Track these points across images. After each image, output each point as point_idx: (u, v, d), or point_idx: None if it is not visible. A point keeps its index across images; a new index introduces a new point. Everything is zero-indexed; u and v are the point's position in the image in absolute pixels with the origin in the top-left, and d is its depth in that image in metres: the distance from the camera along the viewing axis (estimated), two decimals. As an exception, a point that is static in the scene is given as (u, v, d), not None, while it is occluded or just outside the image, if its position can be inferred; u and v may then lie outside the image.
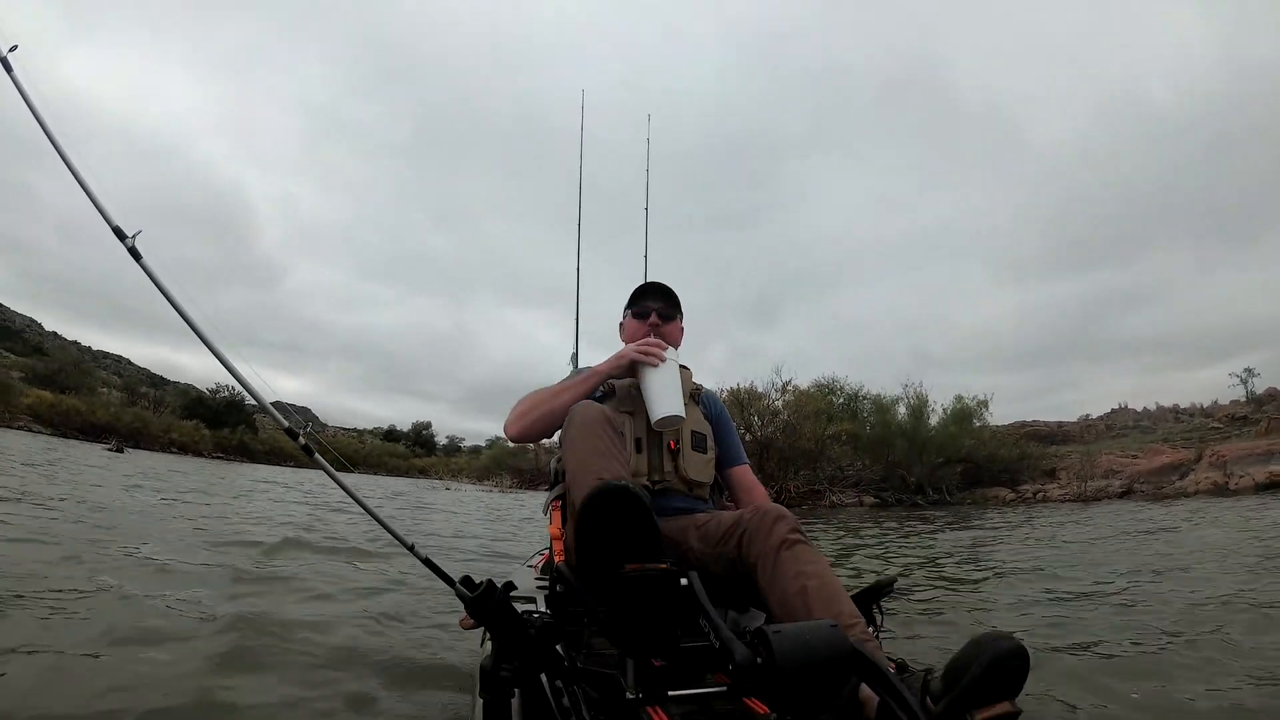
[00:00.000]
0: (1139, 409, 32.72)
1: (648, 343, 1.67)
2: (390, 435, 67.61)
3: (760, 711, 1.07)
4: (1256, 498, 11.56)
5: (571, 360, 2.77)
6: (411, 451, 60.19)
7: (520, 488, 29.66)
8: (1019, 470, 19.68)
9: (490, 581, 1.15)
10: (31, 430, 28.98)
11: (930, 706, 0.90)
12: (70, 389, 36.99)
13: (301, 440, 1.28)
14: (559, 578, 1.39)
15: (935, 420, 20.53)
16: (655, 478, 1.64)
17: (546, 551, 2.32)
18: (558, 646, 1.18)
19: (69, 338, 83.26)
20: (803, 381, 21.60)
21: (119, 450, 22.96)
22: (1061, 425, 31.39)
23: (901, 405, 21.03)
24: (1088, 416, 33.41)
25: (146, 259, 1.25)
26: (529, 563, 3.06)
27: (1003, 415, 31.73)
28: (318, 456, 1.30)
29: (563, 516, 1.71)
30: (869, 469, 20.27)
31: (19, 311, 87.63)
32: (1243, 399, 27.95)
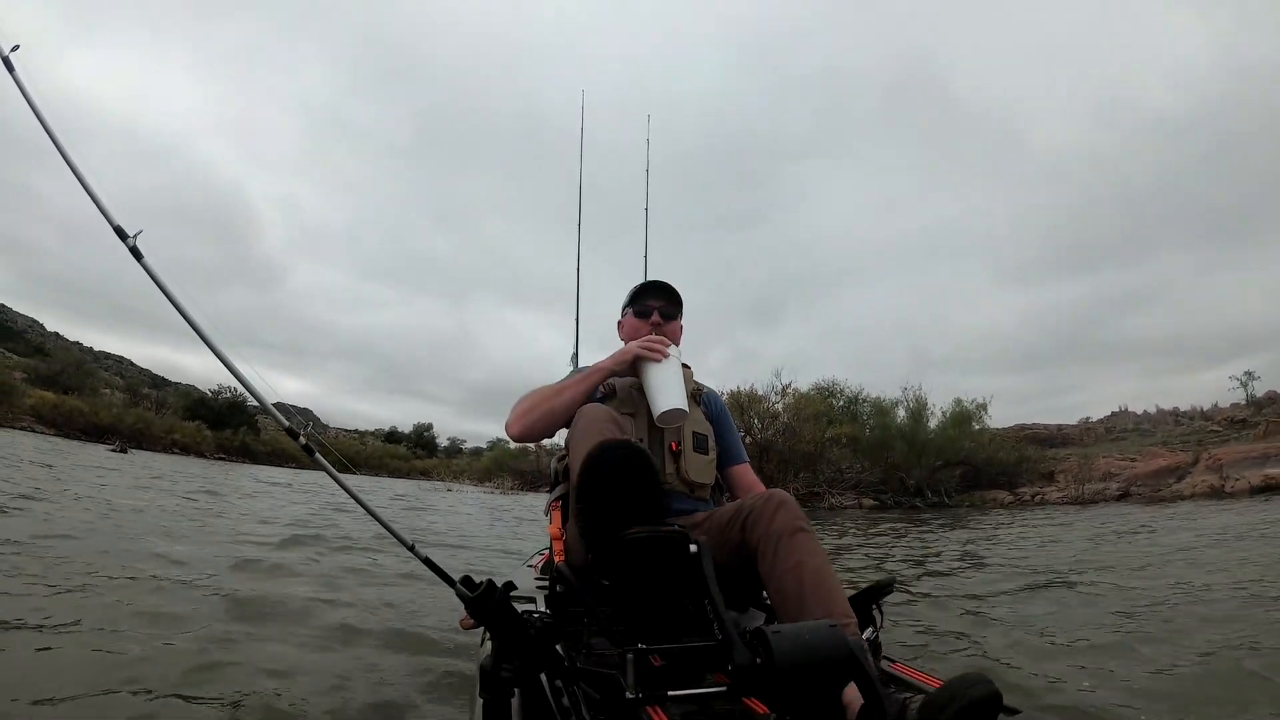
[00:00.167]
0: (1139, 412, 32.66)
1: (651, 339, 1.66)
2: (392, 437, 67.58)
3: (760, 711, 1.07)
4: (1251, 501, 11.56)
5: (572, 360, 2.76)
6: (413, 453, 60.17)
7: (522, 489, 29.63)
8: (1017, 473, 19.64)
9: (490, 581, 1.15)
10: (35, 431, 28.99)
11: None
12: (73, 390, 37.04)
13: (302, 440, 1.28)
14: (559, 578, 1.39)
15: (934, 423, 20.55)
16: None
17: (546, 551, 2.34)
18: (558, 646, 1.18)
19: (71, 338, 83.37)
20: (803, 384, 21.70)
21: (123, 451, 23.00)
22: (1061, 428, 31.33)
23: (901, 408, 21.08)
24: (1088, 419, 33.32)
25: (148, 259, 1.25)
26: (529, 563, 3.06)
27: (1003, 418, 31.66)
28: (318, 457, 1.30)
29: (563, 517, 1.70)
30: (868, 471, 20.28)
31: (21, 312, 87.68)
32: (1243, 402, 27.96)
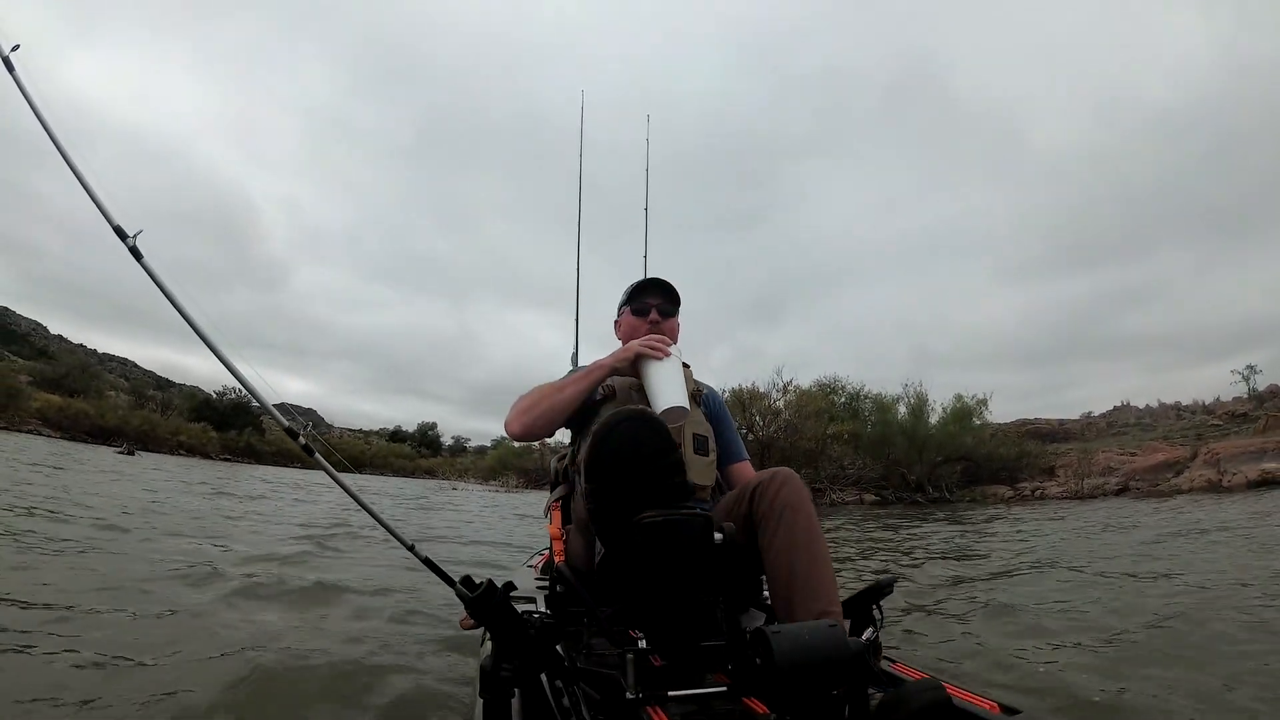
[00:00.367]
0: (1141, 406, 32.71)
1: (652, 337, 1.65)
2: (396, 436, 67.78)
3: (760, 711, 1.07)
4: (1247, 495, 11.60)
5: (572, 360, 2.75)
6: (417, 452, 60.31)
7: (526, 487, 29.80)
8: (1018, 468, 19.75)
9: (490, 581, 1.15)
10: (41, 434, 29.16)
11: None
12: (78, 392, 37.27)
13: (302, 440, 1.27)
14: (559, 578, 1.39)
15: (935, 419, 20.65)
16: None
17: (546, 551, 2.34)
18: (558, 646, 1.19)
19: (75, 341, 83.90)
20: (804, 381, 21.82)
21: (130, 453, 23.22)
22: (1063, 423, 31.36)
23: (902, 404, 21.19)
24: (1090, 414, 33.37)
25: (148, 259, 1.24)
26: (529, 563, 3.08)
27: (1005, 413, 31.72)
28: (318, 456, 1.30)
29: (563, 517, 1.73)
30: (869, 467, 20.44)
31: (24, 315, 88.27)
32: (1245, 396, 27.98)
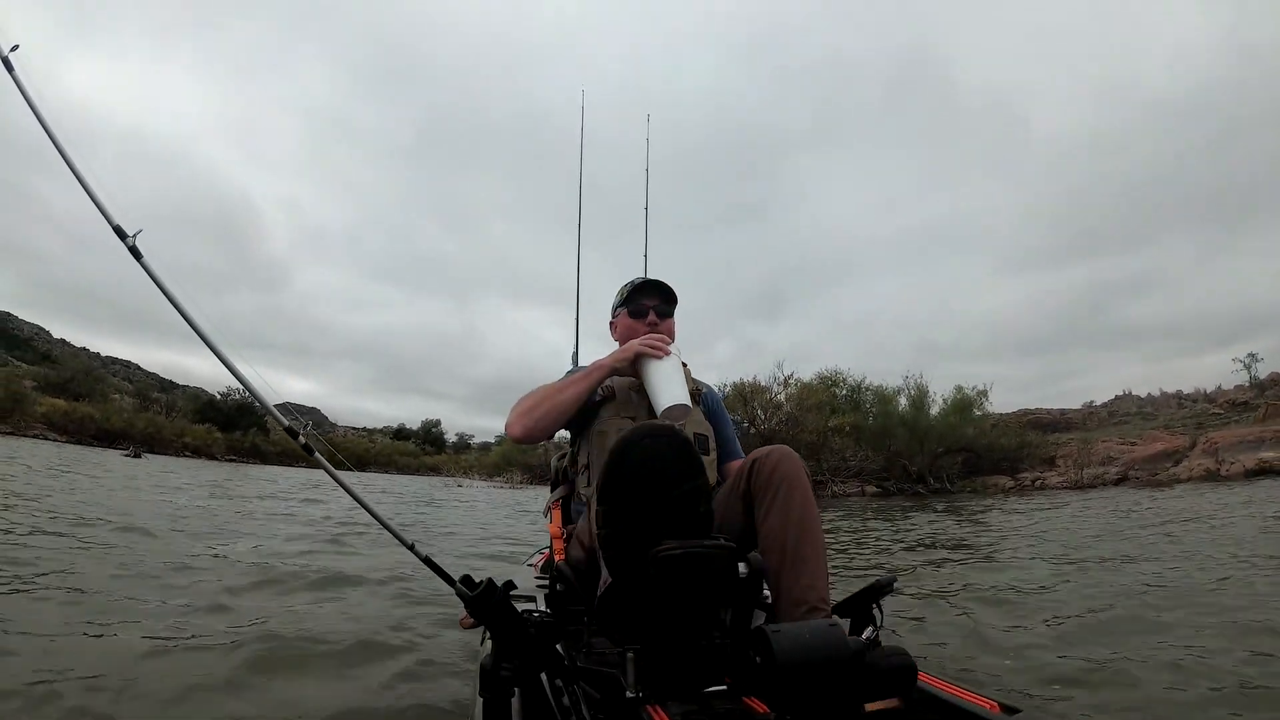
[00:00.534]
0: (1143, 395, 32.71)
1: (652, 337, 1.66)
2: (400, 434, 67.95)
3: (760, 711, 1.07)
4: (1244, 484, 11.68)
5: (572, 360, 2.76)
6: (422, 449, 60.45)
7: (531, 483, 29.96)
8: (1019, 459, 19.84)
9: (490, 581, 1.15)
10: (47, 438, 29.30)
11: None
12: (83, 396, 37.47)
13: (302, 439, 1.28)
14: (559, 577, 1.40)
15: (936, 410, 20.76)
16: None
17: (546, 551, 2.32)
18: (558, 646, 1.19)
19: (77, 344, 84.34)
20: (807, 374, 21.97)
21: (137, 456, 23.34)
22: (1064, 413, 31.37)
23: (902, 396, 21.31)
24: (1091, 403, 33.38)
25: (147, 258, 1.24)
26: (529, 562, 3.10)
27: (1007, 404, 31.90)
28: (318, 455, 1.30)
29: (563, 516, 1.75)
30: (871, 459, 20.54)
31: (27, 320, 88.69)
32: (1246, 384, 27.99)
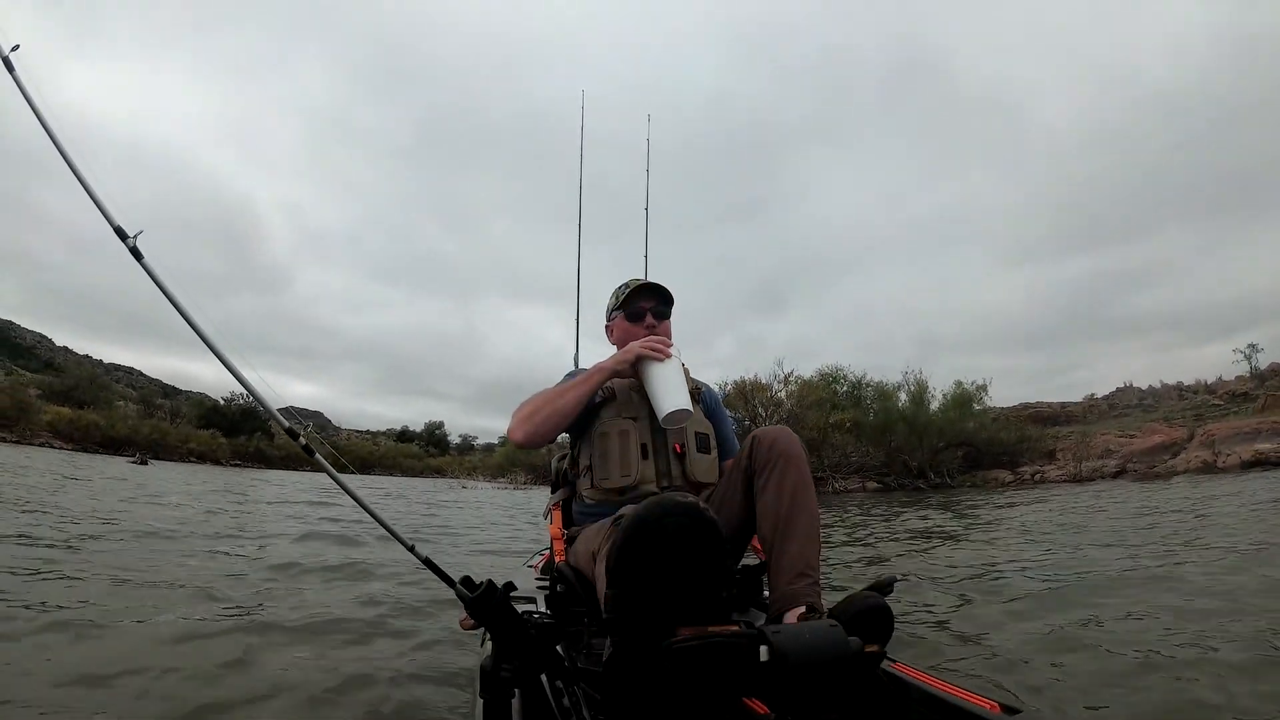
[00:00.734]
0: (1144, 387, 32.73)
1: (653, 339, 1.66)
2: (404, 436, 68.33)
3: (760, 711, 1.05)
4: (1240, 475, 11.71)
5: (573, 360, 2.75)
6: (426, 451, 60.77)
7: (534, 484, 30.10)
8: (1019, 452, 19.91)
9: (490, 582, 1.14)
10: (53, 446, 29.49)
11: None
12: (88, 404, 37.67)
13: (303, 440, 1.28)
14: (559, 578, 1.39)
15: (936, 405, 20.90)
16: (664, 483, 1.60)
17: (547, 552, 2.34)
18: (558, 647, 1.19)
19: (80, 352, 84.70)
20: (808, 370, 22.06)
21: (143, 463, 23.45)
22: (1065, 406, 31.44)
23: (903, 392, 21.44)
24: (1093, 396, 33.40)
25: (148, 259, 1.23)
26: (529, 563, 3.09)
27: (1009, 397, 31.94)
28: (318, 457, 1.30)
29: (564, 518, 1.75)
30: (871, 455, 20.63)
31: (28, 328, 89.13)
32: (1246, 375, 28.01)
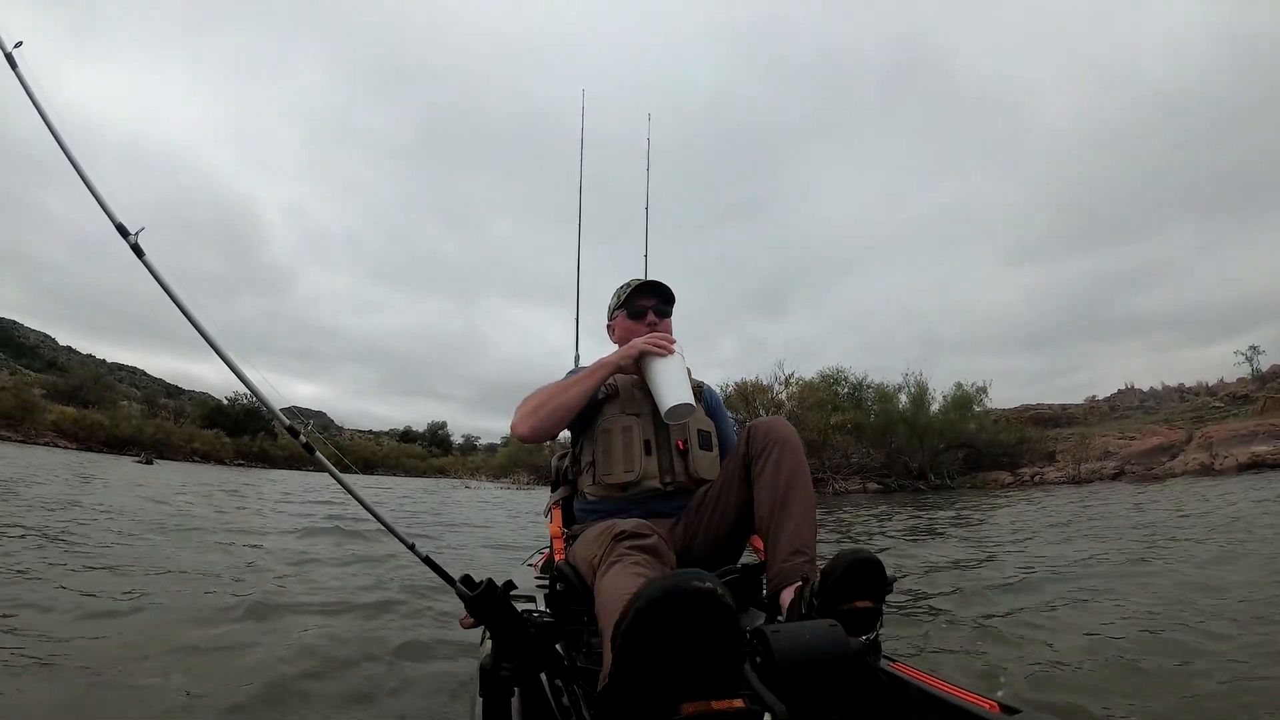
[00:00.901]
0: (1145, 389, 32.69)
1: (657, 335, 1.67)
2: (406, 436, 68.43)
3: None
4: (1236, 478, 11.78)
5: (574, 360, 2.73)
6: (429, 451, 60.89)
7: (537, 484, 30.17)
8: (1019, 454, 19.99)
9: (490, 581, 1.15)
10: (57, 446, 29.59)
11: (814, 604, 1.07)
12: (92, 404, 37.84)
13: (303, 439, 1.28)
14: (559, 577, 1.40)
15: (936, 407, 20.98)
16: (667, 479, 1.61)
17: (547, 551, 2.34)
18: (557, 646, 1.19)
19: (83, 351, 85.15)
20: (809, 372, 22.19)
21: (149, 462, 23.58)
22: (1066, 408, 31.41)
23: (903, 394, 21.52)
24: (1094, 397, 33.32)
25: (149, 257, 1.24)
26: (529, 562, 3.08)
27: (1010, 399, 31.95)
28: (319, 455, 1.30)
29: (564, 517, 1.77)
30: (872, 457, 20.73)
31: (32, 328, 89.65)
32: (1248, 377, 28.00)
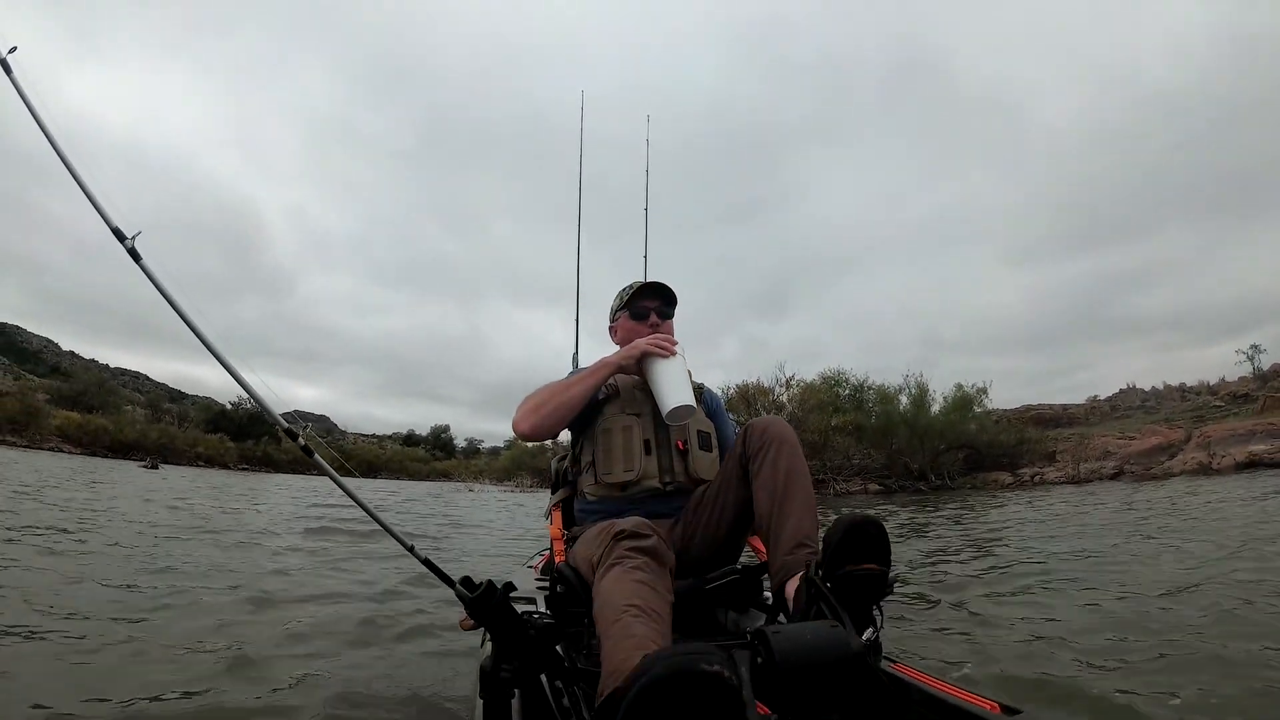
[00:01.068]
0: (1146, 389, 32.68)
1: (659, 336, 1.67)
2: (410, 440, 68.70)
3: (761, 712, 1.02)
4: (1234, 477, 11.82)
5: (573, 360, 2.73)
6: (432, 455, 61.00)
7: (540, 487, 30.26)
8: (1019, 454, 20.04)
9: (490, 582, 1.15)
10: (62, 451, 29.74)
11: (819, 574, 1.06)
12: (96, 409, 38.04)
13: (301, 441, 1.28)
14: (559, 578, 1.40)
15: (937, 408, 21.04)
16: (666, 479, 1.62)
17: (547, 552, 2.34)
18: (558, 647, 1.19)
19: (86, 356, 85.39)
20: (811, 373, 22.28)
21: (154, 467, 23.68)
22: (1066, 408, 31.38)
23: (904, 395, 21.59)
24: (1095, 397, 33.30)
25: (147, 261, 1.23)
26: (529, 563, 3.08)
27: (1012, 399, 31.96)
28: (317, 457, 1.29)
29: (564, 518, 1.78)
30: (873, 458, 20.82)
31: (34, 332, 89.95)
32: (1249, 376, 28.02)
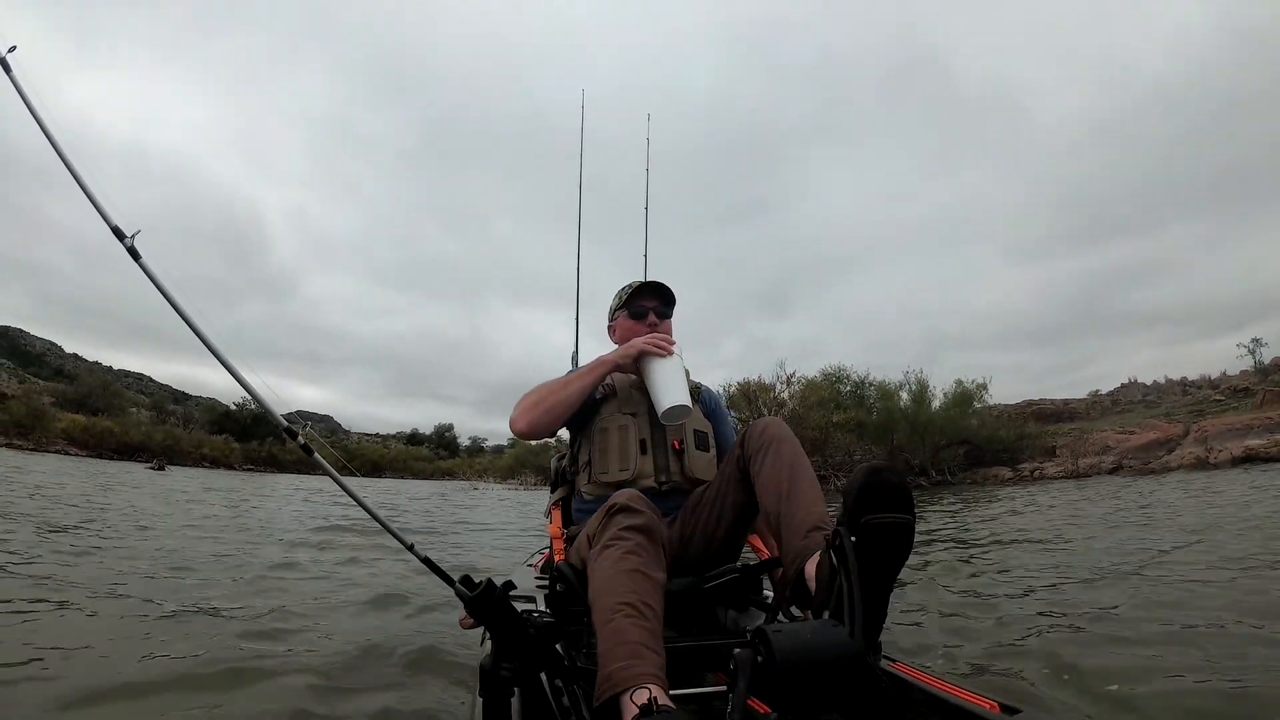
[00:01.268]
0: (1149, 383, 32.69)
1: (657, 336, 1.67)
2: (414, 439, 68.89)
3: (761, 711, 1.03)
4: (1230, 471, 11.79)
5: (572, 360, 2.73)
6: (436, 454, 61.11)
7: (542, 484, 30.38)
8: (1019, 449, 20.07)
9: (490, 581, 1.15)
10: (68, 454, 29.88)
11: (840, 530, 1.01)
12: (101, 411, 38.24)
13: (301, 440, 1.28)
14: (559, 577, 1.39)
15: (937, 404, 21.08)
16: (662, 478, 1.61)
17: (547, 551, 2.33)
18: (557, 646, 1.19)
19: (89, 359, 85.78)
20: (812, 370, 22.36)
21: (161, 469, 23.80)
22: (1068, 403, 31.40)
23: (904, 391, 21.65)
24: (1097, 392, 33.36)
25: (146, 260, 1.22)
26: (529, 562, 3.07)
27: (1015, 394, 32.00)
28: (317, 456, 1.29)
29: (564, 517, 1.79)
30: (873, 454, 20.87)
31: (38, 335, 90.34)
32: (1251, 370, 28.05)
